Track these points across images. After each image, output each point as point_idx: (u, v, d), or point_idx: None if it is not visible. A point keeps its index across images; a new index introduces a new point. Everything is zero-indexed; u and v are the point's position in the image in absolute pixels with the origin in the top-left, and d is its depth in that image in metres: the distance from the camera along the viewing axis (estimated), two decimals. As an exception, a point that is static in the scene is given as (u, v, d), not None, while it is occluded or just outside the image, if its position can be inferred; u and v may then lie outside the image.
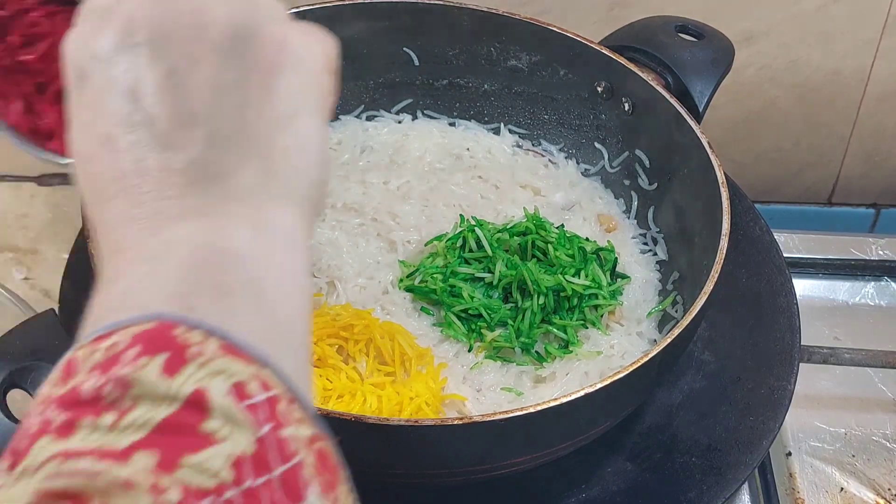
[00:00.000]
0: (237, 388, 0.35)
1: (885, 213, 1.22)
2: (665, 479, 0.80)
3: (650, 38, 0.91)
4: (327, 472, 0.37)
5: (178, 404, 0.34)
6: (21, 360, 0.65)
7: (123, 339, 0.36)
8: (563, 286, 0.83)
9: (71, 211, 1.09)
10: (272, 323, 0.40)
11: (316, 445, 0.37)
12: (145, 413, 0.34)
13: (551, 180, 0.97)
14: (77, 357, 0.36)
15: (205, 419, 0.34)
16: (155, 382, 0.35)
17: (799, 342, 0.87)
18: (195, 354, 0.35)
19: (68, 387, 0.36)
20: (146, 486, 0.32)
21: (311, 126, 0.44)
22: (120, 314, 0.37)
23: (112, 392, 0.35)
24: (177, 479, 0.33)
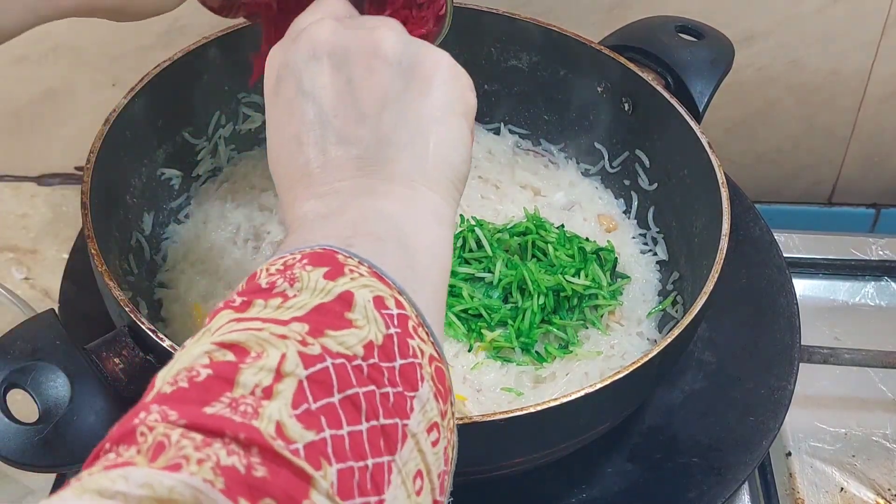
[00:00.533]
0: (377, 299, 0.44)
1: (885, 213, 1.22)
2: (665, 479, 0.80)
3: (650, 38, 0.91)
4: (441, 386, 0.45)
5: (331, 297, 0.43)
6: (21, 360, 0.65)
7: (296, 255, 0.46)
8: (563, 286, 0.83)
9: (71, 211, 1.10)
10: (412, 266, 0.48)
11: (435, 364, 0.45)
12: (305, 299, 0.43)
13: (551, 180, 0.97)
14: (257, 270, 0.46)
15: (349, 310, 0.43)
16: (317, 281, 0.44)
17: (799, 342, 0.87)
18: (350, 271, 0.45)
19: (249, 286, 0.45)
20: (296, 339, 0.41)
21: (458, 127, 0.55)
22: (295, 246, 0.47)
23: (282, 284, 0.44)
24: (320, 342, 0.41)
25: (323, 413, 0.39)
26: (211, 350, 0.41)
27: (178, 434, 0.37)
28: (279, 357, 0.40)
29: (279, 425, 0.38)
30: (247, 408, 0.38)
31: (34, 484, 0.83)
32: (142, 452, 0.37)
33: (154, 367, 0.68)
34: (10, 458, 0.64)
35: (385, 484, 0.40)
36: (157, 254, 0.88)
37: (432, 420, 0.44)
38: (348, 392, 0.41)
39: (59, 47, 1.04)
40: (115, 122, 0.80)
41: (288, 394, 0.39)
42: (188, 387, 0.39)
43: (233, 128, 0.94)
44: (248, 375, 0.39)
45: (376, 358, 0.42)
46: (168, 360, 0.42)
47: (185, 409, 0.38)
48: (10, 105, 1.08)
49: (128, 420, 0.39)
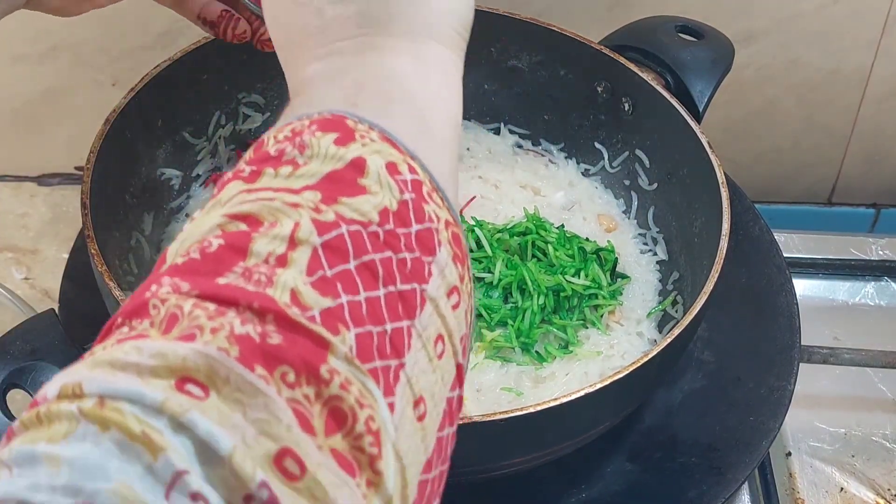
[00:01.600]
0: (390, 165, 0.43)
1: (885, 213, 1.22)
2: (665, 479, 0.80)
3: (650, 38, 0.91)
4: (458, 250, 0.44)
5: (342, 164, 0.42)
6: (21, 360, 0.65)
7: (304, 122, 0.44)
8: (563, 286, 0.83)
9: (71, 211, 1.10)
10: (423, 127, 0.47)
11: (451, 228, 0.44)
12: (316, 167, 0.42)
13: (551, 180, 0.97)
14: (265, 138, 0.44)
15: (361, 177, 0.42)
16: (327, 147, 0.42)
17: (799, 342, 0.87)
18: (360, 137, 0.43)
19: (258, 154, 0.43)
20: (309, 207, 0.40)
21: None
22: (300, 111, 0.45)
23: (292, 151, 0.42)
24: (334, 209, 0.40)
25: (339, 279, 0.38)
26: (223, 222, 0.40)
27: (190, 304, 0.36)
28: (292, 225, 0.39)
29: (294, 292, 0.37)
30: (260, 276, 0.37)
31: (34, 484, 0.83)
32: (155, 325, 0.36)
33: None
34: (10, 458, 0.64)
35: (405, 347, 0.40)
36: (157, 254, 0.88)
37: (452, 284, 0.43)
38: (364, 258, 0.40)
39: (59, 47, 1.04)
40: (115, 122, 0.80)
41: (302, 261, 0.38)
42: (200, 258, 0.38)
43: (233, 128, 0.95)
44: (261, 244, 0.38)
45: (392, 224, 0.41)
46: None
47: (196, 280, 0.37)
48: (10, 104, 1.08)
49: (139, 293, 0.38)
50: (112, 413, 0.33)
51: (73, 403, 0.33)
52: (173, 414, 0.33)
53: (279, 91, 0.96)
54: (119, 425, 0.32)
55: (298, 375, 0.35)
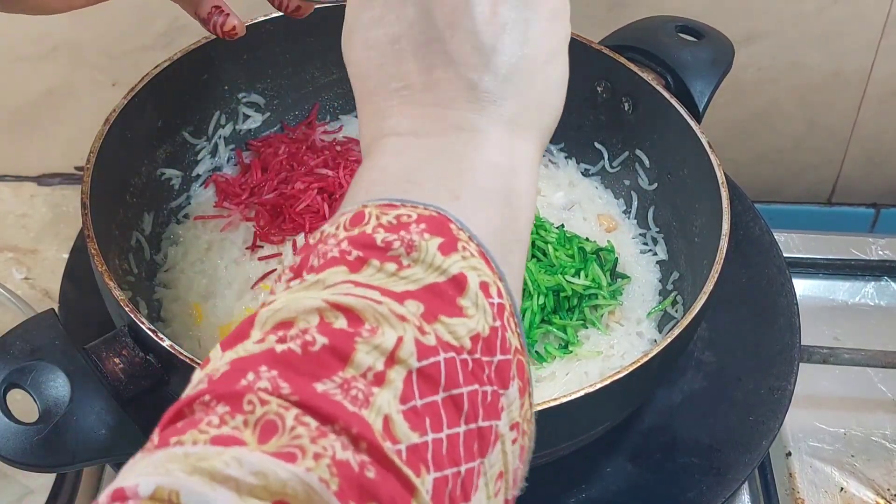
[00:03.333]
0: (483, 285, 0.43)
1: (885, 213, 1.22)
2: (665, 479, 0.80)
3: (650, 38, 0.91)
4: (522, 381, 0.44)
5: (445, 277, 0.42)
6: (21, 360, 0.65)
7: (410, 213, 0.43)
8: (563, 286, 0.83)
9: (71, 211, 1.10)
10: (511, 229, 0.47)
11: (518, 356, 0.44)
12: (420, 274, 0.42)
13: (551, 180, 0.97)
14: (365, 212, 0.44)
15: (461, 296, 0.42)
16: (433, 254, 0.42)
17: (799, 342, 0.87)
18: (462, 248, 0.43)
19: (357, 231, 0.43)
20: (414, 323, 0.40)
21: (562, 69, 0.53)
22: (403, 193, 0.45)
23: (399, 248, 0.42)
24: (434, 329, 0.40)
25: (427, 413, 0.38)
26: (323, 308, 0.39)
27: (292, 418, 0.36)
28: (395, 340, 0.39)
29: (387, 420, 0.37)
30: (358, 392, 0.37)
31: (34, 484, 0.83)
32: (249, 426, 0.36)
33: (154, 366, 0.68)
34: (10, 458, 0.64)
35: (473, 489, 0.40)
36: (157, 254, 0.88)
37: (514, 420, 0.43)
38: (453, 391, 0.39)
39: (60, 47, 1.04)
40: (115, 122, 0.80)
41: (398, 384, 0.38)
42: (301, 353, 0.38)
43: (233, 128, 0.95)
44: (362, 354, 0.38)
45: (479, 352, 0.41)
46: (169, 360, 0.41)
47: (297, 383, 0.37)
48: (10, 105, 1.08)
49: (233, 376, 0.38)
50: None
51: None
52: None
53: (279, 91, 0.96)
54: None
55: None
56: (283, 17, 0.91)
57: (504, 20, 0.49)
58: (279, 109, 0.97)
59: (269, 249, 0.87)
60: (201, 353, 0.81)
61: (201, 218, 0.90)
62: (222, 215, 0.90)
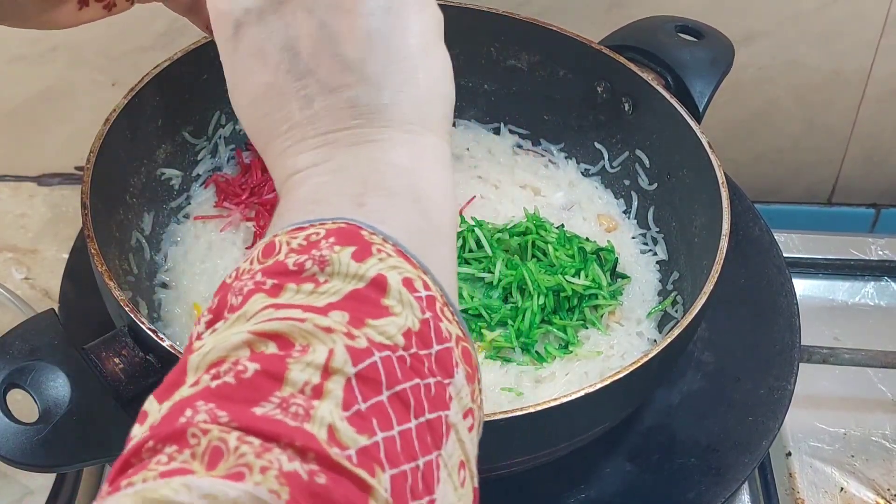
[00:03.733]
0: (406, 281, 0.43)
1: (885, 213, 1.22)
2: (664, 479, 0.80)
3: (650, 38, 0.91)
4: (469, 367, 0.44)
5: (364, 283, 0.42)
6: (21, 359, 0.65)
7: (319, 231, 0.44)
8: (563, 286, 0.83)
9: (71, 211, 1.10)
10: (428, 225, 0.47)
11: (461, 344, 0.44)
12: (338, 285, 0.42)
13: (551, 180, 0.97)
14: (275, 241, 0.44)
15: (384, 297, 0.42)
16: (347, 264, 0.42)
17: (799, 342, 0.87)
18: (377, 251, 0.43)
19: (271, 261, 0.43)
20: (342, 332, 0.40)
21: (442, 55, 0.52)
22: (309, 214, 0.45)
23: (312, 267, 0.42)
24: (364, 333, 0.40)
25: (374, 414, 0.38)
26: (251, 340, 0.40)
27: (234, 439, 0.36)
28: (327, 353, 0.39)
29: (331, 429, 0.37)
30: (297, 409, 0.37)
31: (34, 484, 0.83)
32: (197, 457, 0.36)
33: (154, 366, 0.68)
34: (10, 458, 0.64)
35: (435, 482, 0.40)
36: (157, 254, 0.88)
37: (467, 406, 0.43)
38: (396, 388, 0.40)
39: (59, 47, 1.04)
40: (115, 122, 0.80)
41: (338, 393, 0.38)
42: (235, 383, 0.38)
43: (233, 128, 0.94)
44: (296, 372, 0.38)
45: (415, 346, 0.41)
46: (169, 360, 0.42)
47: (235, 410, 0.37)
48: (9, 104, 1.08)
49: (172, 416, 0.38)
50: None
51: None
52: None
53: (279, 91, 0.96)
54: None
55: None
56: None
57: (366, 31, 0.49)
58: (279, 109, 0.97)
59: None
60: (201, 353, 0.81)
61: (201, 218, 0.90)
62: (222, 215, 0.90)
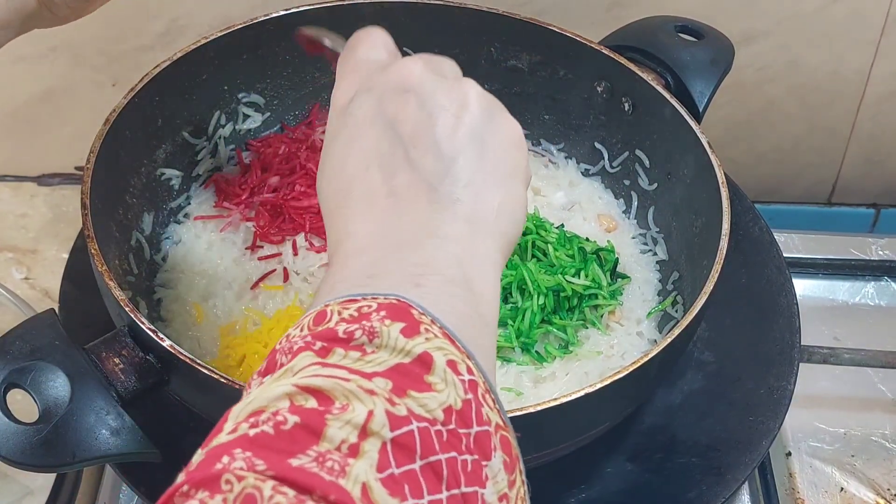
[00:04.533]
0: (451, 363, 0.44)
1: (885, 213, 1.22)
2: (665, 479, 0.80)
3: (650, 38, 0.91)
4: (507, 456, 0.45)
5: (410, 358, 0.43)
6: (21, 360, 0.65)
7: (371, 304, 0.45)
8: (563, 286, 0.83)
9: (71, 211, 1.10)
10: (476, 315, 0.48)
11: (500, 432, 0.45)
12: (385, 357, 0.43)
13: (551, 180, 0.97)
14: (327, 310, 0.45)
15: (428, 373, 0.43)
16: (395, 338, 0.43)
17: (799, 342, 0.87)
18: (425, 330, 0.44)
19: (321, 328, 0.45)
20: (384, 397, 0.41)
21: (523, 191, 0.55)
22: (364, 288, 0.47)
23: (361, 336, 0.43)
24: (404, 402, 0.41)
25: (406, 480, 0.39)
26: (293, 392, 0.41)
27: (269, 488, 0.36)
28: (366, 414, 0.40)
29: (365, 488, 0.37)
30: (333, 464, 0.38)
31: (34, 484, 0.83)
32: (229, 503, 0.36)
33: (154, 366, 0.68)
34: (10, 458, 0.64)
35: None
36: (157, 254, 0.88)
37: (502, 491, 0.44)
38: (430, 459, 0.40)
39: (59, 47, 1.04)
40: (115, 122, 0.80)
41: (373, 454, 0.39)
42: (273, 433, 0.39)
43: (233, 128, 0.95)
44: (334, 429, 0.39)
45: (454, 424, 0.42)
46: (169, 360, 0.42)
47: (272, 459, 0.37)
48: (10, 105, 1.08)
49: (208, 462, 0.38)
50: None
51: None
52: None
53: (279, 91, 0.96)
54: None
55: None
56: (284, 17, 0.91)
57: (465, 136, 0.53)
58: (279, 109, 0.97)
59: (269, 249, 0.87)
60: (201, 353, 0.81)
61: (201, 218, 0.90)
62: (222, 215, 0.90)
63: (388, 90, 0.55)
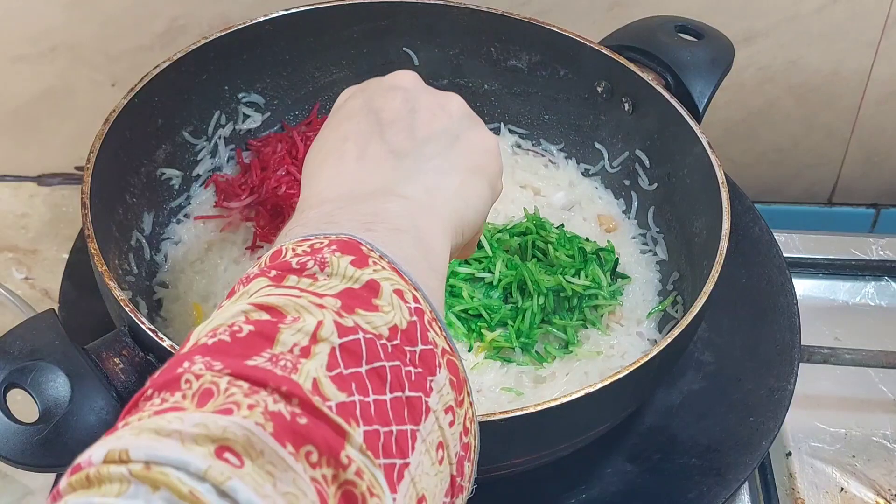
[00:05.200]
0: (397, 292, 0.47)
1: (885, 213, 1.22)
2: (665, 479, 0.80)
3: (650, 38, 0.91)
4: (454, 377, 0.48)
5: (359, 284, 0.46)
6: (21, 360, 0.65)
7: (323, 241, 0.49)
8: (563, 286, 0.83)
9: (71, 211, 1.09)
10: (424, 259, 0.51)
11: (447, 356, 0.48)
12: (335, 283, 0.46)
13: (551, 180, 0.97)
14: (282, 248, 0.49)
15: (376, 297, 0.46)
16: (345, 268, 0.47)
17: (799, 342, 0.87)
18: (373, 263, 0.48)
19: (278, 262, 0.48)
20: (332, 310, 0.44)
21: (484, 190, 0.59)
22: (321, 230, 0.50)
23: (313, 266, 0.47)
24: (352, 318, 0.44)
25: (353, 379, 0.42)
26: (248, 310, 0.44)
27: (225, 382, 0.40)
28: (316, 323, 0.43)
29: (316, 382, 0.41)
30: (286, 363, 0.41)
31: (34, 484, 0.83)
32: (188, 398, 0.39)
33: (154, 366, 0.68)
34: (10, 458, 0.64)
35: (409, 449, 0.43)
36: (157, 254, 0.88)
37: (448, 403, 0.47)
38: (375, 364, 0.43)
39: (59, 47, 1.04)
40: (115, 122, 0.80)
41: (323, 356, 0.42)
42: (230, 340, 0.42)
43: (233, 128, 0.95)
44: (287, 335, 0.42)
45: (399, 340, 0.45)
46: (168, 360, 0.43)
47: (228, 361, 0.41)
48: (10, 105, 1.08)
49: (170, 369, 0.42)
50: (160, 475, 0.35)
51: (122, 466, 0.36)
52: (215, 481, 0.36)
53: (279, 91, 0.96)
54: (168, 486, 0.35)
55: (321, 456, 0.39)
56: (283, 16, 0.91)
57: (439, 128, 0.59)
58: (279, 109, 0.97)
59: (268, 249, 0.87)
60: (201, 354, 0.81)
61: (201, 218, 0.90)
62: (222, 215, 0.90)
63: (380, 89, 0.61)
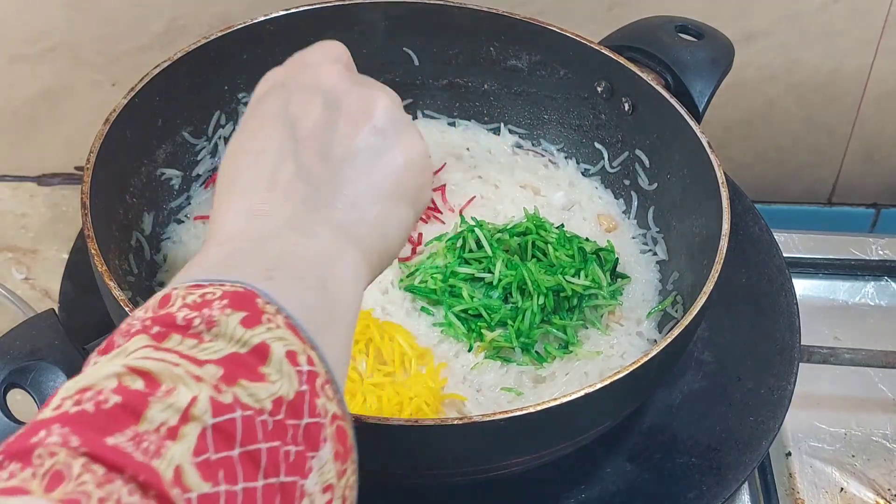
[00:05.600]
0: (290, 354, 0.44)
1: (885, 213, 1.22)
2: (665, 479, 0.80)
3: (650, 38, 0.91)
4: (341, 446, 0.45)
5: (246, 348, 0.43)
6: (21, 360, 0.65)
7: (215, 291, 0.45)
8: (563, 286, 0.83)
9: (71, 211, 1.10)
10: (330, 314, 0.49)
11: (337, 422, 0.45)
12: (220, 346, 0.43)
13: (551, 180, 0.97)
14: (172, 294, 0.46)
15: (263, 364, 0.43)
16: (234, 328, 0.43)
17: (799, 342, 0.87)
18: (267, 320, 0.44)
19: (164, 311, 0.45)
20: (210, 384, 0.41)
21: (406, 213, 0.56)
22: (218, 275, 0.47)
23: (200, 325, 0.43)
24: (232, 391, 0.41)
25: (222, 466, 0.39)
26: (122, 373, 0.41)
27: (79, 465, 0.36)
28: (190, 398, 0.40)
29: (178, 470, 0.38)
30: (150, 445, 0.38)
31: (34, 484, 0.83)
32: (37, 478, 0.36)
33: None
34: (9, 458, 0.64)
35: None
36: (157, 254, 0.88)
37: (328, 482, 0.44)
38: (250, 447, 0.41)
39: (58, 47, 1.04)
40: (115, 122, 0.80)
41: (192, 439, 0.39)
42: (93, 412, 0.39)
43: (233, 128, 0.94)
44: (155, 411, 0.39)
45: (283, 414, 0.42)
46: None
47: (87, 436, 0.38)
48: (10, 105, 1.08)
49: (26, 435, 0.39)
50: None
51: None
52: None
53: (279, 91, 0.96)
54: None
55: None
56: (283, 16, 0.91)
57: (359, 146, 0.54)
58: (279, 109, 0.97)
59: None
60: (201, 354, 0.81)
61: (201, 218, 0.90)
62: (222, 215, 0.90)
63: (300, 88, 0.56)
